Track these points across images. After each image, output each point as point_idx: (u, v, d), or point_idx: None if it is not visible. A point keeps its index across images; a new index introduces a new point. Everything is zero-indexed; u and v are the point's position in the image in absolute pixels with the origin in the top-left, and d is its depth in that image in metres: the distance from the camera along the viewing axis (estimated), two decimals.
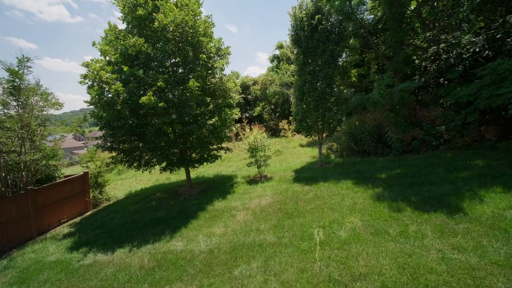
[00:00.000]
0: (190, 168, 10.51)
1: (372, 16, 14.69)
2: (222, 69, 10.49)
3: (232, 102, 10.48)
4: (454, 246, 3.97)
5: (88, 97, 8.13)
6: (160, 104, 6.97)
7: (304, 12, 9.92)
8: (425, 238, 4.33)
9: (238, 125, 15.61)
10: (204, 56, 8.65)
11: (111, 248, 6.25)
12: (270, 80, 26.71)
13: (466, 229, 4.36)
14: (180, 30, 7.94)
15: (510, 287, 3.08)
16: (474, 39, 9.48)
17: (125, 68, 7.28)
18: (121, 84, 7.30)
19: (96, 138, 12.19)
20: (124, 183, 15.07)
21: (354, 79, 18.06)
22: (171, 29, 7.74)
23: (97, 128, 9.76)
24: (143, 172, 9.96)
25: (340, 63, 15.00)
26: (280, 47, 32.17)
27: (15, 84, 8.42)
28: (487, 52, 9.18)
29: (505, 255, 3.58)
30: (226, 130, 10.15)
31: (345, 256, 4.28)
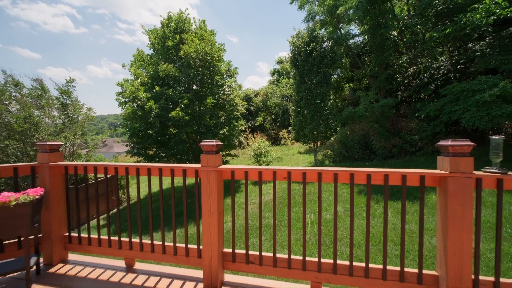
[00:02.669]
0: None
1: (362, 38, 16.72)
2: (230, 86, 12.38)
3: (238, 114, 12.30)
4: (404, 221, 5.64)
5: (117, 109, 9.96)
6: (186, 118, 8.76)
7: (301, 41, 11.89)
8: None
9: (243, 134, 17.39)
10: (218, 77, 10.53)
11: (145, 233, 7.86)
12: (271, 92, 28.74)
13: (416, 210, 6.02)
14: (200, 57, 9.84)
15: (431, 241, 4.73)
16: (442, 63, 11.38)
17: (157, 88, 9.12)
18: (153, 101, 9.11)
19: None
20: (140, 185, 16.71)
21: (347, 92, 19.99)
22: (193, 56, 9.63)
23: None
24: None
25: (335, 78, 16.99)
26: (280, 62, 34.52)
27: (62, 100, 10.25)
28: (453, 74, 11.06)
29: (434, 223, 5.25)
30: (235, 140, 11.91)
31: (328, 229, 5.92)
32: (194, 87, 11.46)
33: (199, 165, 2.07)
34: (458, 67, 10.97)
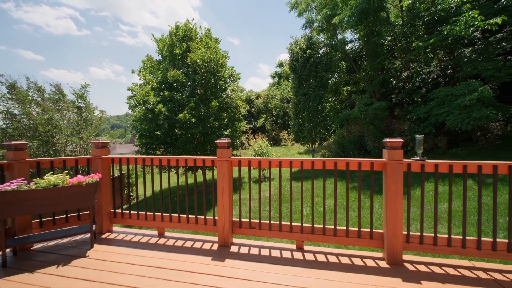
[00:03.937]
0: (206, 171, 12.98)
1: (358, 43, 17.47)
2: (233, 90, 13.16)
3: (240, 116, 13.07)
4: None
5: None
6: (192, 120, 9.53)
7: (298, 47, 12.66)
8: (373, 209, 6.72)
9: (245, 135, 18.14)
10: (222, 82, 11.31)
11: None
12: (271, 95, 29.51)
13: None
14: (205, 64, 10.62)
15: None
16: (432, 68, 12.10)
17: (166, 92, 9.91)
18: (162, 105, 9.90)
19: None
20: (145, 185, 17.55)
21: (345, 94, 20.72)
22: (199, 63, 10.42)
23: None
24: (169, 173, 12.44)
25: (332, 81, 17.73)
26: (281, 65, 35.34)
27: (78, 104, 11.06)
28: (442, 78, 11.77)
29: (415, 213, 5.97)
30: (237, 141, 12.68)
31: (321, 220, 6.66)
32: (198, 91, 12.25)
33: (215, 157, 2.82)
34: (448, 72, 11.69)
